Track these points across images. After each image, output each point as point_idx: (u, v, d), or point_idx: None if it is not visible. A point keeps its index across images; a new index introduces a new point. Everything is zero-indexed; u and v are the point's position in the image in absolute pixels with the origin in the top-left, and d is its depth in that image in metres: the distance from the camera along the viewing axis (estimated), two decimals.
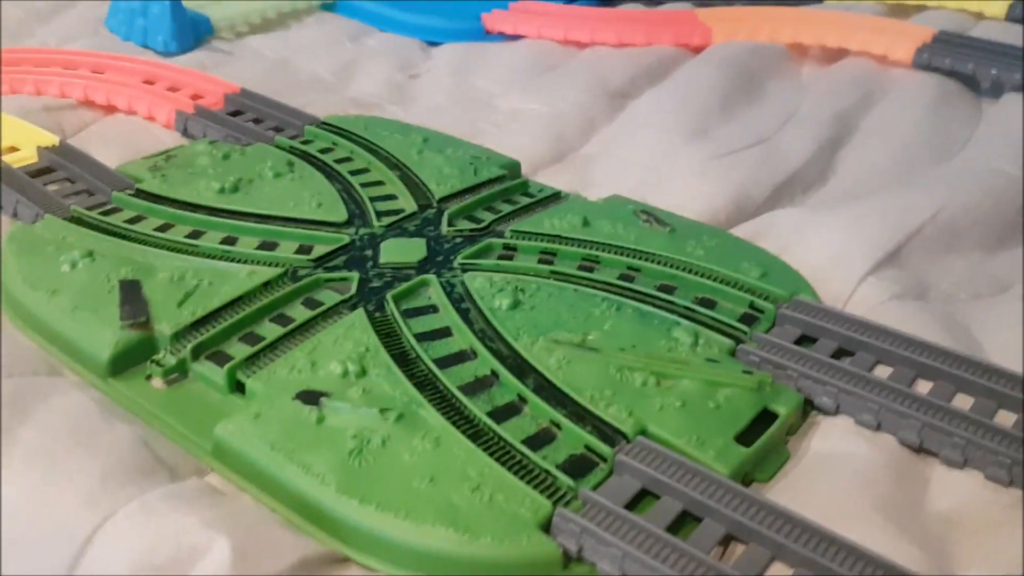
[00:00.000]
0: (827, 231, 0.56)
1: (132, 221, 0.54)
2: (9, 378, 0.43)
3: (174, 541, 0.34)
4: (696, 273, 0.50)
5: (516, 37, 0.90)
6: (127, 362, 0.44)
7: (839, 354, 0.46)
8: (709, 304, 0.48)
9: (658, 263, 0.51)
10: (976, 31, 0.86)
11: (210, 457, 0.40)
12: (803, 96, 0.77)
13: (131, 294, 0.46)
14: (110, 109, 0.71)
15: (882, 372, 0.45)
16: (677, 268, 0.51)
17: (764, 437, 0.40)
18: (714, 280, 0.50)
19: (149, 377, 0.44)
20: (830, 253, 0.54)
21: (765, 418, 0.42)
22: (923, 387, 0.44)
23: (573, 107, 0.75)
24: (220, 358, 0.44)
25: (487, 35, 0.90)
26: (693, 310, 0.48)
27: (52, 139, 0.62)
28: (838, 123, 0.72)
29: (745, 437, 0.40)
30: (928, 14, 0.91)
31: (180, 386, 0.43)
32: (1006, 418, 0.42)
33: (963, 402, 0.43)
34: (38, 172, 0.59)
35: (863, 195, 0.62)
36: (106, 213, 0.54)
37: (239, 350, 0.44)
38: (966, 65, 0.76)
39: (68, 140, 0.64)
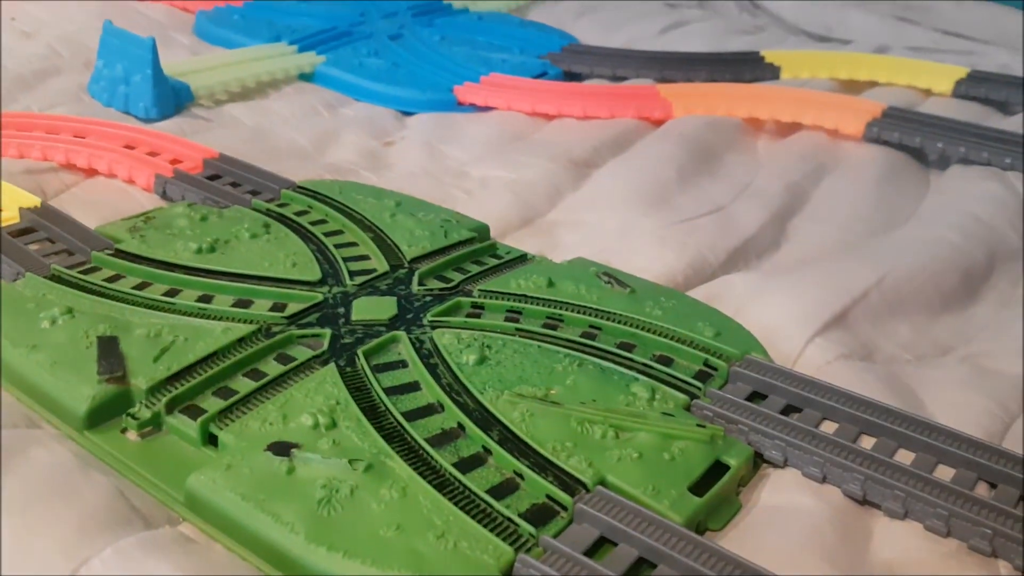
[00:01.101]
0: (778, 294, 0.59)
1: (111, 280, 0.55)
2: None
3: None
4: (654, 332, 0.53)
5: (486, 108, 0.93)
6: (103, 415, 0.45)
7: (788, 410, 0.48)
8: (666, 361, 0.51)
9: (618, 322, 0.53)
10: (924, 107, 0.92)
11: (183, 507, 0.41)
12: (758, 167, 0.81)
13: (108, 349, 0.48)
14: (91, 172, 0.73)
15: (828, 428, 0.47)
16: (636, 327, 0.53)
17: (716, 487, 0.42)
18: (671, 339, 0.52)
19: (124, 430, 0.45)
20: (781, 315, 0.57)
21: (718, 470, 0.43)
22: (867, 443, 0.46)
23: (540, 175, 0.78)
24: (194, 411, 0.45)
25: (459, 106, 0.93)
26: (651, 367, 0.50)
27: (34, 200, 0.64)
28: (791, 193, 0.76)
29: (698, 487, 0.42)
30: (878, 90, 0.96)
31: (155, 439, 0.45)
32: (945, 472, 0.44)
33: (904, 457, 0.45)
34: (20, 232, 0.61)
35: (813, 261, 0.65)
36: (86, 272, 0.56)
37: (213, 404, 0.45)
38: (914, 139, 0.81)
39: (49, 202, 0.66)
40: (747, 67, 1.01)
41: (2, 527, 0.38)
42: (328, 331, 0.52)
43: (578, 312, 0.54)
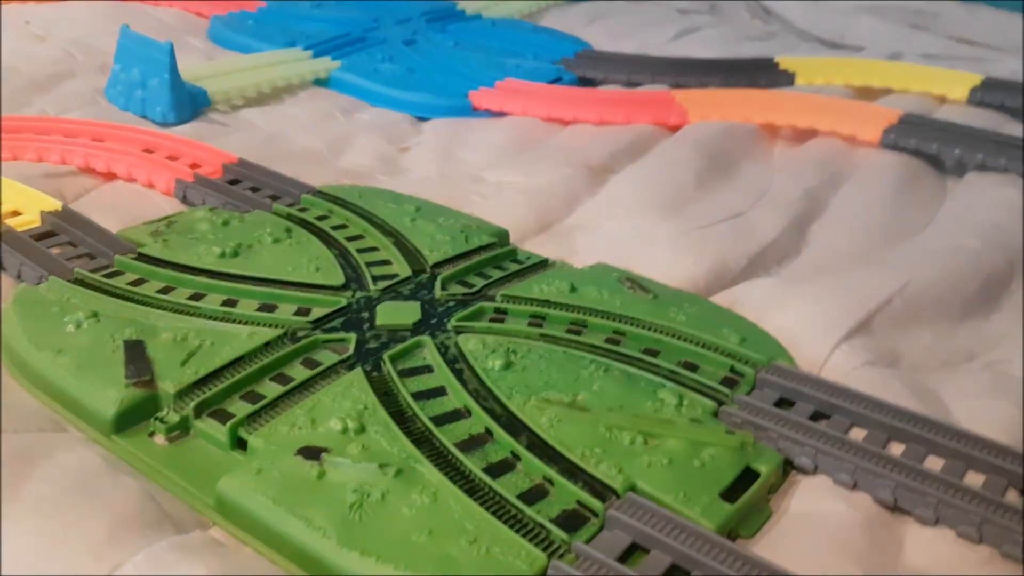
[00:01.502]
0: (801, 301, 0.59)
1: (135, 283, 0.55)
2: (15, 434, 0.44)
3: None
4: (679, 338, 0.53)
5: (501, 114, 0.93)
6: (131, 420, 0.45)
7: (816, 417, 0.48)
8: (692, 367, 0.50)
9: (642, 328, 0.53)
10: (940, 113, 0.91)
11: (213, 511, 0.41)
12: (775, 173, 0.81)
13: (135, 354, 0.48)
14: (110, 176, 0.73)
15: (857, 434, 0.47)
16: (661, 333, 0.53)
17: (748, 494, 0.42)
18: (696, 345, 0.52)
19: (152, 434, 0.45)
20: (804, 321, 0.57)
21: (748, 476, 0.43)
22: (896, 449, 0.46)
23: (556, 180, 0.78)
24: (222, 416, 0.45)
25: (474, 111, 0.93)
26: (677, 373, 0.50)
27: (55, 204, 0.64)
28: (809, 199, 0.75)
29: (729, 494, 0.42)
30: (894, 97, 0.96)
31: (183, 443, 0.45)
32: (974, 479, 0.44)
33: (934, 464, 0.45)
34: (41, 236, 0.61)
35: (835, 267, 0.65)
36: (109, 276, 0.56)
37: (240, 408, 0.45)
38: (931, 145, 0.81)
39: (70, 205, 0.66)
40: (762, 73, 1.01)
41: (32, 532, 0.38)
42: (353, 335, 0.51)
43: (601, 318, 0.54)
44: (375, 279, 0.57)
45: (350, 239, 0.62)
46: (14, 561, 0.37)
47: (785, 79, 1.00)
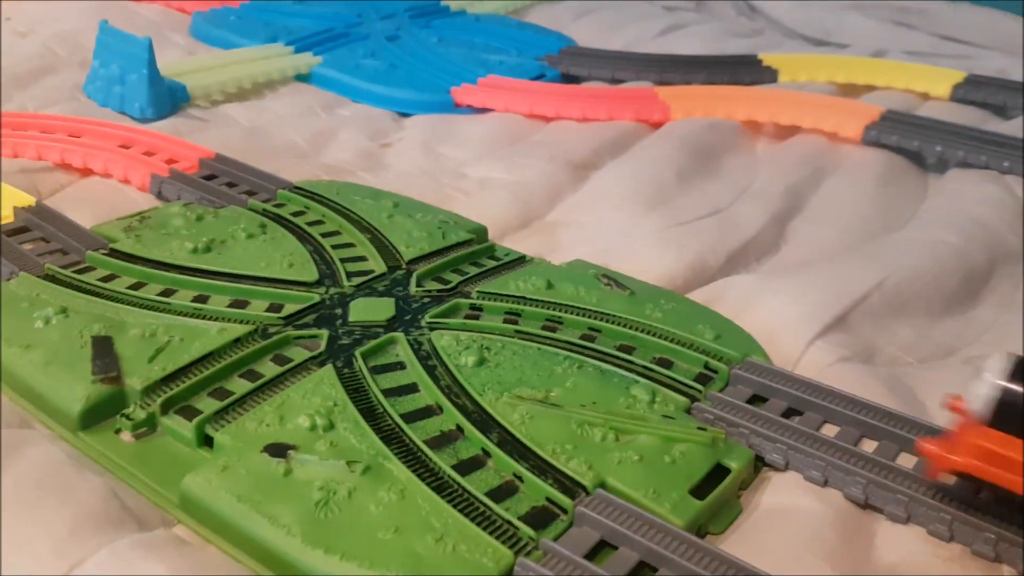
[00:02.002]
0: (779, 297, 0.59)
1: (106, 279, 0.55)
2: None
3: None
4: (654, 335, 0.52)
5: (484, 110, 0.93)
6: (98, 416, 0.45)
7: (789, 413, 0.48)
8: (666, 364, 0.50)
9: (618, 324, 0.53)
10: (922, 110, 0.91)
11: (177, 509, 0.40)
12: (757, 170, 0.81)
13: (103, 349, 0.47)
14: (86, 172, 0.72)
15: (830, 431, 0.47)
16: (636, 329, 0.53)
17: (717, 491, 0.42)
18: (671, 341, 0.52)
19: (119, 431, 0.44)
20: (781, 317, 0.57)
21: (718, 473, 0.43)
22: (869, 446, 0.46)
23: (538, 176, 0.77)
24: (189, 412, 0.45)
25: (456, 108, 0.93)
26: (651, 369, 0.50)
27: (28, 200, 0.64)
28: (790, 195, 0.75)
29: (699, 491, 0.42)
30: (877, 94, 0.96)
31: (149, 440, 0.44)
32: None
33: (907, 461, 0.45)
34: (13, 232, 0.60)
35: (813, 263, 0.65)
36: (80, 271, 0.55)
37: (208, 404, 0.45)
38: (912, 142, 0.81)
39: (44, 201, 0.66)
40: (745, 70, 1.00)
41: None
42: (325, 332, 0.51)
43: (577, 314, 0.54)
44: (349, 275, 0.57)
45: (325, 235, 0.62)
46: None
47: (769, 76, 1.00)
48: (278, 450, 0.42)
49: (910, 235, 0.69)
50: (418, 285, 0.57)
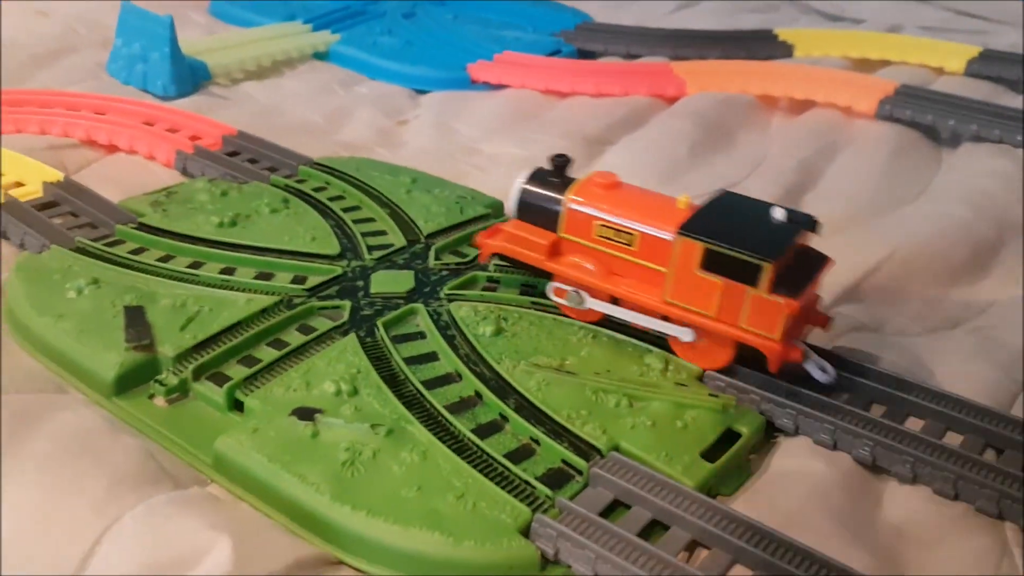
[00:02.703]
0: None
1: (135, 252, 0.56)
2: (18, 394, 0.46)
3: (178, 541, 0.37)
4: None
5: (499, 87, 0.94)
6: (131, 382, 0.46)
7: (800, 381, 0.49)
8: None
9: None
10: (936, 85, 0.92)
11: (211, 469, 0.42)
12: (771, 144, 0.82)
13: (135, 318, 0.49)
14: (111, 149, 0.74)
15: (838, 398, 0.48)
16: None
17: (728, 454, 0.43)
18: None
19: (152, 396, 0.46)
20: None
21: (730, 437, 0.44)
22: (877, 411, 0.47)
23: (553, 152, 0.78)
24: (219, 379, 0.46)
25: (472, 84, 0.94)
26: (664, 338, 0.51)
27: (57, 175, 0.65)
28: (804, 170, 0.76)
29: (710, 454, 0.43)
30: (891, 69, 0.96)
31: (181, 405, 0.46)
32: (953, 439, 0.45)
33: (914, 425, 0.46)
34: (43, 206, 0.62)
35: (825, 236, 0.65)
36: (110, 244, 0.57)
37: (237, 371, 0.47)
38: (926, 116, 0.81)
39: (71, 177, 0.67)
40: (761, 45, 1.01)
41: (35, 486, 0.40)
42: (348, 303, 0.53)
43: None
44: (370, 249, 0.59)
45: (346, 210, 0.63)
46: (17, 513, 0.38)
47: (784, 51, 1.00)
48: (305, 414, 0.43)
49: (921, 208, 0.70)
50: (436, 258, 0.58)
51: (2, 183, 0.64)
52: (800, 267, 0.46)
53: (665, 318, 0.48)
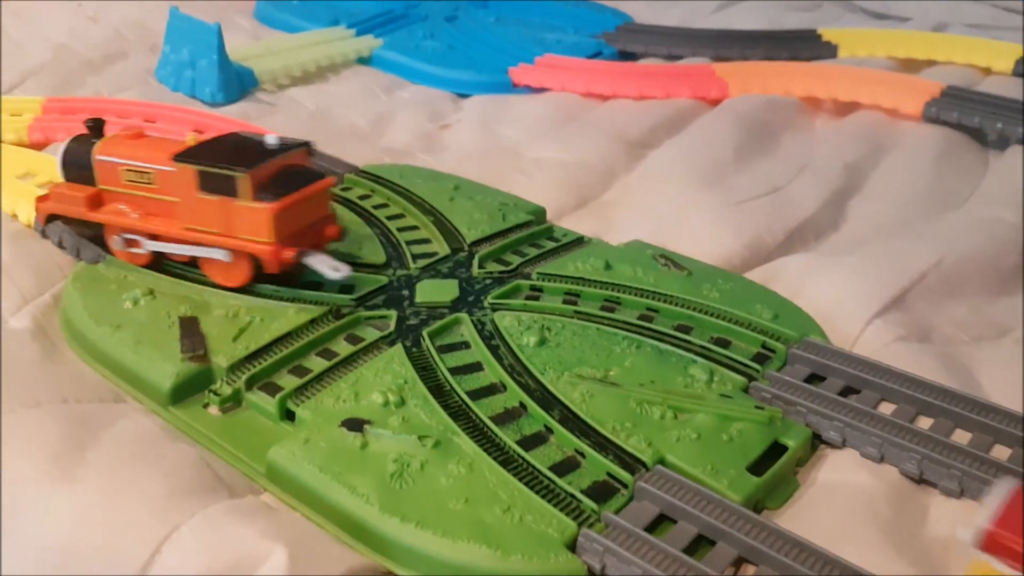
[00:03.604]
0: (837, 276, 0.59)
1: (187, 263, 0.58)
2: (77, 403, 0.47)
3: (236, 550, 0.38)
4: (712, 314, 0.54)
5: (541, 90, 0.94)
6: (186, 391, 0.48)
7: (846, 392, 0.49)
8: (724, 344, 0.52)
9: (675, 304, 0.55)
10: (984, 86, 0.90)
11: (264, 478, 0.43)
12: (816, 147, 0.81)
13: (190, 329, 0.50)
14: None
15: (886, 409, 0.48)
16: (693, 309, 0.54)
17: (775, 468, 0.43)
18: (729, 321, 0.53)
19: (206, 405, 0.47)
20: (839, 297, 0.57)
21: (776, 450, 0.45)
22: (924, 423, 0.47)
23: (595, 156, 0.79)
24: (271, 388, 0.47)
25: (514, 88, 0.95)
26: (709, 349, 0.51)
27: None
28: (849, 173, 0.76)
29: (757, 467, 0.43)
30: (937, 69, 0.94)
31: (235, 414, 0.47)
32: (1001, 452, 0.45)
33: (961, 437, 0.46)
34: None
35: (872, 242, 0.65)
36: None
37: (289, 381, 0.48)
38: (973, 119, 0.80)
39: None
40: (804, 45, 1.00)
41: (95, 494, 0.41)
42: (394, 312, 0.53)
43: (635, 295, 0.56)
44: (415, 257, 0.59)
45: (391, 218, 0.64)
46: (81, 518, 0.40)
47: (828, 51, 0.99)
48: (354, 424, 0.44)
49: (968, 213, 0.69)
50: (480, 267, 0.59)
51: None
52: (291, 182, 0.53)
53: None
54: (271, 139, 0.54)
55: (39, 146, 0.76)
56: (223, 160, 0.52)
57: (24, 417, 0.45)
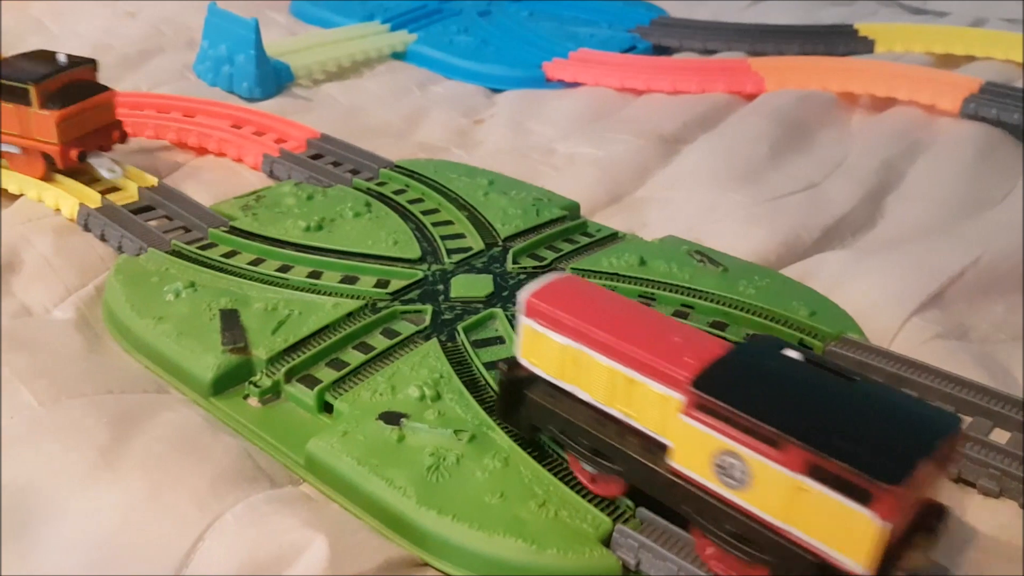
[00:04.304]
0: (874, 273, 0.59)
1: (228, 255, 0.59)
2: (121, 394, 0.48)
3: (277, 539, 0.38)
4: (748, 311, 0.54)
5: (575, 84, 0.94)
6: (227, 383, 0.49)
7: None
8: None
9: (711, 301, 0.54)
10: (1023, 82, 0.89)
11: (303, 469, 0.44)
12: (852, 144, 0.80)
13: (231, 322, 0.51)
14: (201, 151, 0.77)
15: None
16: (729, 306, 0.54)
17: None
18: (765, 318, 0.53)
19: (247, 397, 0.48)
20: (877, 294, 0.57)
21: None
22: (963, 422, 0.46)
23: (628, 152, 0.79)
24: (310, 381, 0.48)
25: (547, 82, 0.95)
26: None
27: (151, 180, 0.68)
28: (886, 170, 0.75)
29: None
30: (976, 65, 0.93)
31: (274, 405, 0.48)
32: None
33: (1000, 436, 0.45)
34: (139, 209, 0.65)
35: (909, 239, 0.65)
36: (204, 248, 0.59)
37: (327, 374, 0.48)
38: (1012, 115, 0.79)
39: (164, 179, 0.70)
40: (841, 40, 0.99)
41: (139, 484, 0.42)
42: (429, 307, 0.54)
43: (670, 291, 0.56)
44: (450, 252, 0.60)
45: (426, 213, 0.65)
46: (127, 509, 0.41)
47: (864, 46, 0.99)
48: (391, 418, 0.45)
49: (1007, 212, 0.68)
50: (514, 262, 0.59)
51: (99, 187, 0.67)
52: (77, 94, 0.65)
53: None
54: (61, 57, 0.65)
55: None
56: (18, 74, 0.63)
57: (70, 408, 0.46)
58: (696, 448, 0.34)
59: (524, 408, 0.41)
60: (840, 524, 0.31)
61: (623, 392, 0.37)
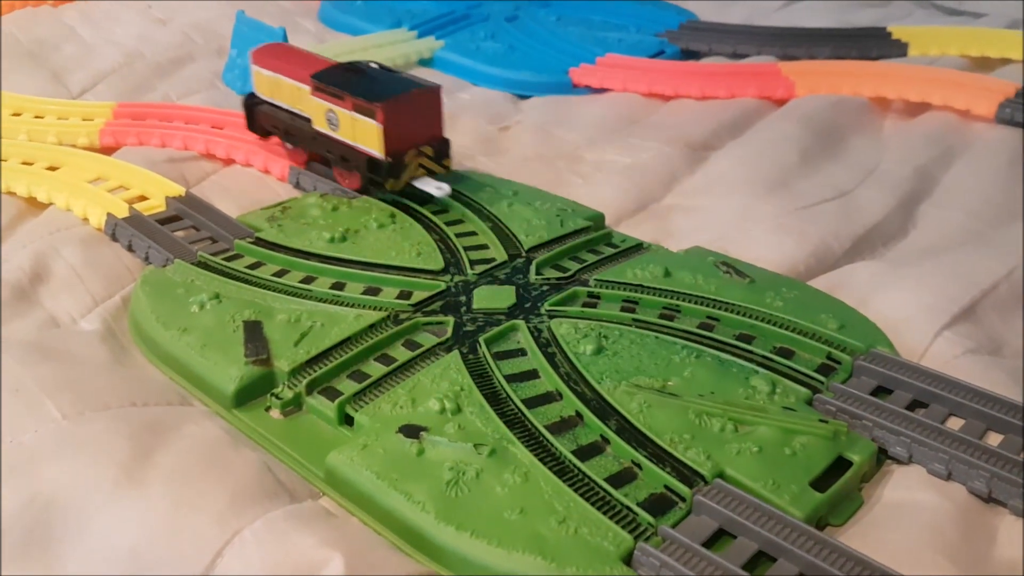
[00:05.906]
0: (905, 285, 0.58)
1: (253, 267, 0.59)
2: (145, 407, 0.49)
3: (294, 557, 0.38)
4: (774, 324, 0.53)
5: (602, 90, 0.93)
6: (249, 395, 0.49)
7: (913, 406, 0.48)
8: (787, 354, 0.51)
9: (737, 313, 0.54)
10: None
11: (323, 483, 0.44)
12: (884, 150, 0.79)
13: (254, 334, 0.51)
14: (229, 161, 0.77)
15: (955, 424, 0.46)
16: (756, 318, 0.53)
17: (838, 484, 0.42)
18: (792, 331, 0.52)
19: (268, 409, 0.48)
20: (908, 307, 0.56)
21: (840, 465, 0.44)
22: (994, 439, 0.45)
23: (655, 159, 0.78)
24: (331, 393, 0.48)
25: (574, 88, 0.94)
26: (771, 359, 0.50)
27: (179, 190, 0.69)
28: (919, 177, 0.73)
29: (820, 483, 0.42)
30: (1011, 68, 0.91)
31: (295, 417, 0.48)
32: None
33: None
34: (166, 220, 0.65)
35: (942, 250, 0.63)
36: (229, 259, 0.60)
37: (348, 386, 0.48)
38: None
39: (191, 190, 0.70)
40: (873, 43, 0.98)
41: (162, 498, 0.42)
42: (451, 319, 0.54)
43: (695, 303, 0.55)
44: (472, 263, 0.60)
45: (449, 224, 0.65)
46: (150, 525, 0.41)
47: (898, 49, 0.97)
48: (411, 431, 0.44)
49: None
50: (537, 273, 0.59)
51: (127, 197, 0.68)
52: None
53: None
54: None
55: (110, 150, 0.78)
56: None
57: (93, 421, 0.46)
58: (318, 113, 0.69)
59: (258, 119, 0.74)
60: (370, 133, 0.65)
61: (294, 96, 0.70)
